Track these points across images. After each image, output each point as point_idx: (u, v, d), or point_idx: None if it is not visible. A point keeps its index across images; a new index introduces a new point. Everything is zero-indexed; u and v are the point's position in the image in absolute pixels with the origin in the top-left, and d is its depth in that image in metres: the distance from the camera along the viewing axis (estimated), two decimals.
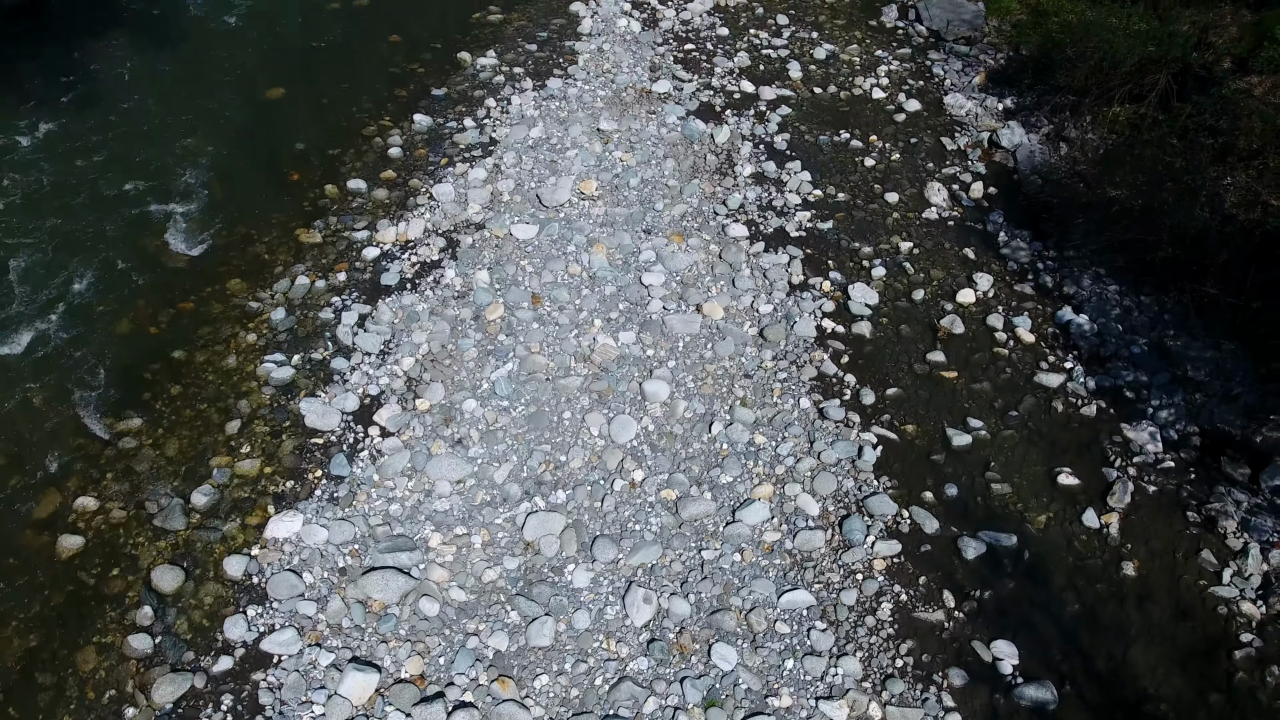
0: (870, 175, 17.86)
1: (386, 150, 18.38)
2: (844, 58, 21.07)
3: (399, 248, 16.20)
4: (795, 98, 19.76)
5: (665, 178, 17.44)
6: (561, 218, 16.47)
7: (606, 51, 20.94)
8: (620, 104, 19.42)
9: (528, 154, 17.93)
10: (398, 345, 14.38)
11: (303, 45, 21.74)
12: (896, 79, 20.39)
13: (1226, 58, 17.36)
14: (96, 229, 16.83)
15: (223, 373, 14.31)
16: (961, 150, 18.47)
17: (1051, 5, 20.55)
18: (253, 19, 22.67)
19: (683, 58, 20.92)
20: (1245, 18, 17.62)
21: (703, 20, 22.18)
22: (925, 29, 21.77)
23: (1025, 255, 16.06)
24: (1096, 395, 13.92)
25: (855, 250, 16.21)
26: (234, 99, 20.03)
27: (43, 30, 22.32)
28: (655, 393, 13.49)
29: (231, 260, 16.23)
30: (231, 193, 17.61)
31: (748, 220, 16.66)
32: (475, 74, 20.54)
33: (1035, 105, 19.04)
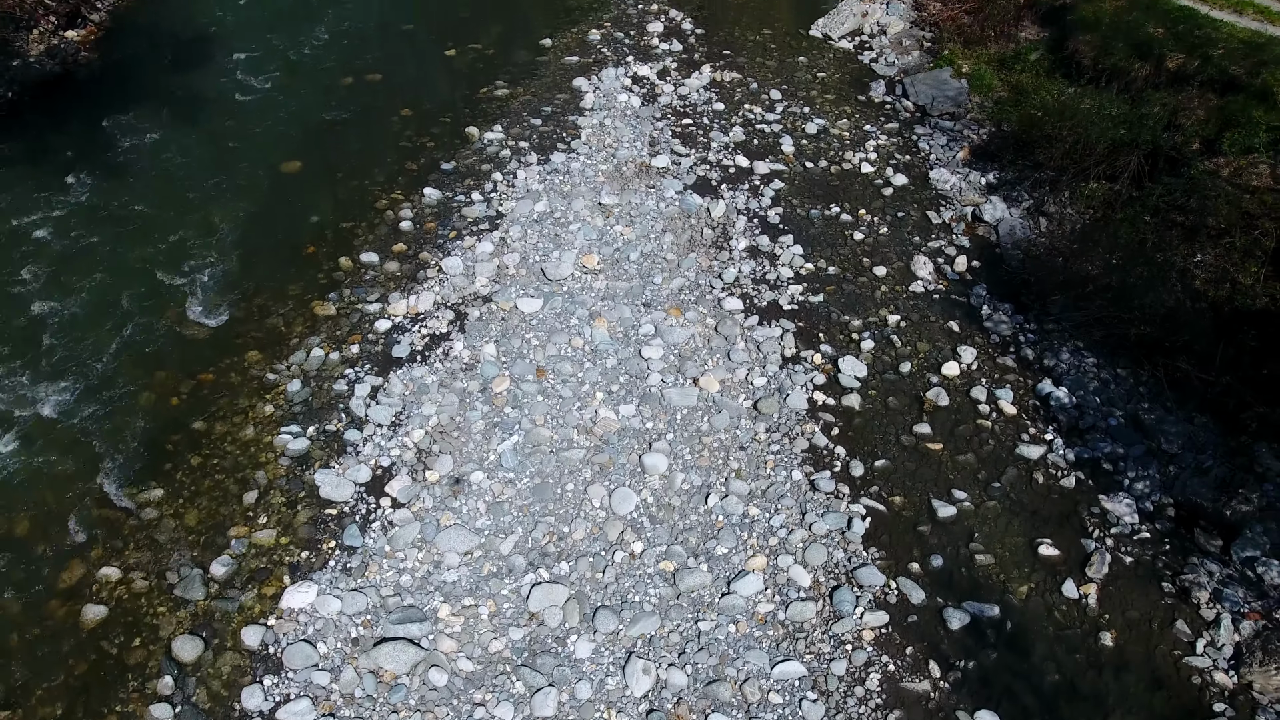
0: (859, 248, 18.72)
1: (398, 223, 19.28)
2: (834, 132, 22.12)
3: (409, 320, 16.98)
4: (788, 172, 20.74)
5: (664, 251, 18.30)
6: (565, 291, 17.28)
7: (608, 126, 21.98)
8: (621, 178, 20.39)
9: (532, 228, 18.82)
10: (408, 417, 15.06)
11: (319, 119, 22.78)
12: (884, 153, 21.39)
13: (1195, 139, 18.32)
14: (122, 299, 17.62)
15: (241, 444, 14.97)
16: (946, 224, 19.36)
17: (1031, 84, 21.68)
18: (273, 93, 23.78)
19: (681, 132, 21.95)
20: (1212, 101, 18.62)
21: (700, 95, 23.29)
22: (912, 104, 22.85)
23: (1007, 328, 16.83)
24: (1076, 467, 14.57)
25: (845, 323, 16.99)
26: (254, 172, 20.99)
27: (72, 101, 23.38)
28: (654, 465, 14.15)
29: (250, 332, 17.00)
30: (250, 265, 18.44)
31: (742, 293, 17.48)
32: (483, 148, 21.55)
33: (1016, 180, 19.99)
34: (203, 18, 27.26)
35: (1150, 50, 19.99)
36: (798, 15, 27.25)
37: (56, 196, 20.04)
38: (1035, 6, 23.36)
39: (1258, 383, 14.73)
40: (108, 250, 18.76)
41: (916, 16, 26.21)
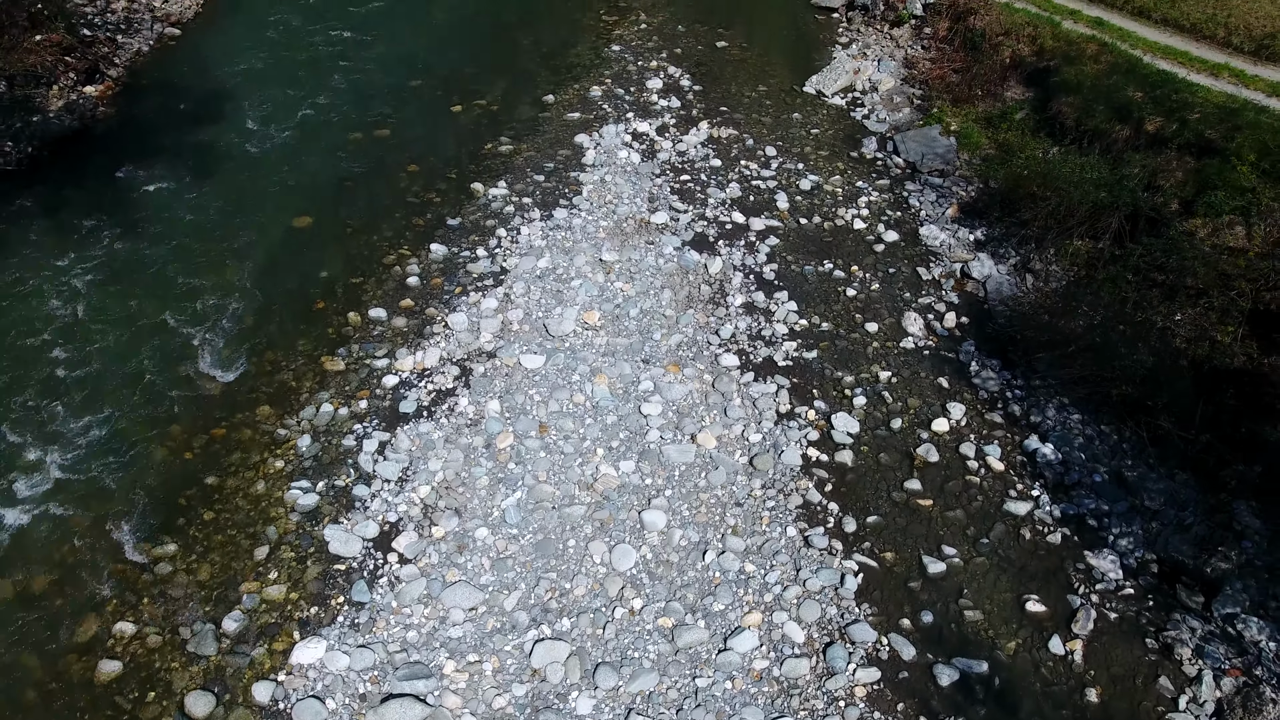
0: (852, 305, 19.35)
1: (405, 279, 19.92)
2: (827, 188, 22.87)
3: (416, 376, 17.53)
4: (783, 228, 21.44)
5: (663, 307, 18.92)
6: (567, 347, 17.87)
7: (609, 182, 22.74)
8: (621, 234, 21.08)
9: (536, 284, 19.45)
10: (415, 473, 15.55)
11: (329, 174, 23.53)
12: (876, 210, 22.12)
13: (1174, 200, 19.04)
14: (138, 353, 18.20)
15: (252, 498, 15.44)
16: (936, 280, 20.01)
17: (1017, 142, 22.50)
18: (285, 148, 24.58)
19: (679, 188, 22.70)
20: (1189, 164, 19.38)
21: (697, 152, 24.09)
22: (902, 161, 23.64)
23: (995, 384, 17.38)
24: (1061, 523, 15.03)
25: (838, 379, 17.55)
26: (266, 226, 21.67)
27: (90, 156, 24.17)
28: (653, 521, 14.61)
29: (261, 387, 17.54)
30: (262, 319, 19.04)
31: (739, 349, 18.06)
32: (487, 204, 22.27)
33: (1003, 237, 20.68)
34: (217, 72, 28.19)
35: (1130, 113, 20.81)
36: (792, 72, 28.18)
37: (75, 251, 20.70)
38: (1020, 67, 24.25)
39: (1236, 440, 15.26)
40: (125, 304, 19.37)
41: (907, 74, 27.15)
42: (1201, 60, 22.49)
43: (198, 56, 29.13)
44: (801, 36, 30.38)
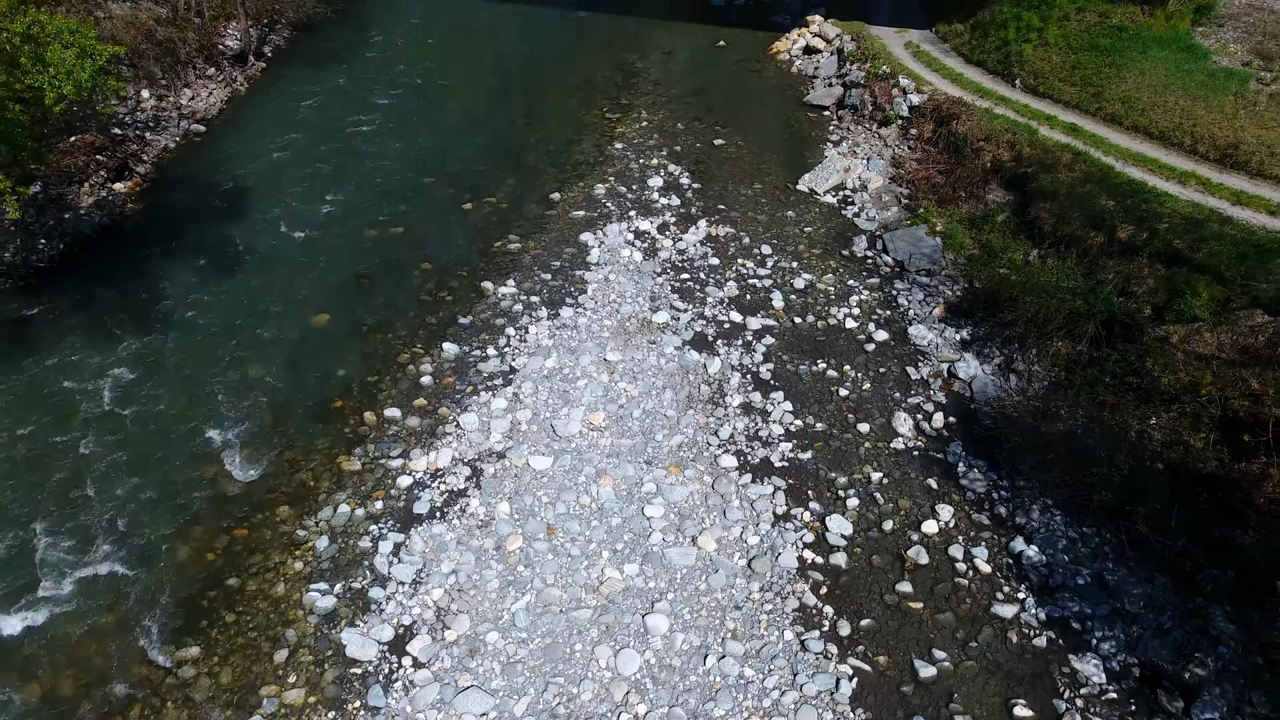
0: (844, 405, 20.30)
1: (419, 378, 20.89)
2: (820, 287, 24.05)
3: (429, 476, 18.36)
4: (778, 327, 22.53)
5: (664, 408, 19.86)
6: (573, 448, 18.74)
7: (612, 281, 23.93)
8: (625, 333, 22.15)
9: (543, 384, 20.43)
10: (428, 575, 16.26)
11: (346, 271, 24.73)
12: (867, 309, 23.25)
13: (1147, 305, 20.15)
14: (163, 453, 19.03)
15: (272, 600, 16.12)
16: (924, 379, 21.00)
17: (999, 244, 23.77)
18: (305, 246, 25.85)
19: (679, 287, 23.88)
20: (1160, 271, 20.56)
21: (696, 250, 25.36)
22: (891, 260, 24.88)
23: (982, 485, 18.22)
24: (1047, 626, 15.70)
25: (832, 480, 18.39)
26: (286, 324, 22.73)
27: (119, 254, 25.38)
28: (656, 625, 15.28)
29: (281, 487, 18.35)
30: (282, 419, 19.94)
31: (737, 451, 18.94)
32: (497, 302, 23.41)
33: (987, 337, 21.75)
34: (239, 168, 29.69)
35: (1104, 221, 22.08)
36: (786, 169, 29.69)
37: (105, 349, 21.74)
38: (1001, 172, 25.69)
39: (1210, 545, 16.04)
40: (151, 402, 20.30)
41: (895, 173, 28.65)
42: (1170, 168, 23.91)
43: (221, 153, 30.70)
44: (794, 134, 32.03)
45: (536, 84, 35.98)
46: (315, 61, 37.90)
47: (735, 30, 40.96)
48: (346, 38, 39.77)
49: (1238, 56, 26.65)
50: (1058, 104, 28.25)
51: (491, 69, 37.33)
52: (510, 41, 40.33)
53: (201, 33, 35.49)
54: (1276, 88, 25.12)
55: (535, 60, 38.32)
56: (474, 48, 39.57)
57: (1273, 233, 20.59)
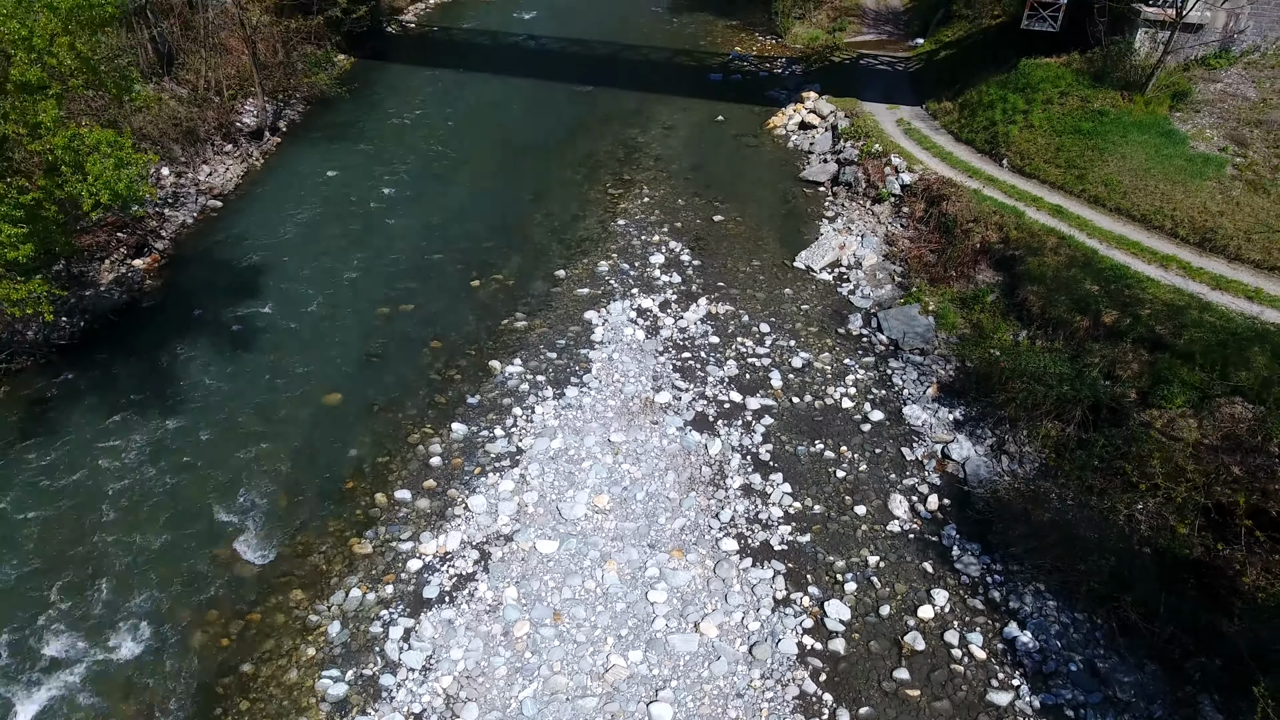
0: (841, 486, 20.90)
1: (428, 459, 21.52)
2: (818, 365, 24.83)
3: (439, 559, 18.88)
4: (776, 407, 23.24)
5: (667, 490, 20.46)
6: (578, 532, 19.29)
7: (616, 360, 24.71)
8: (628, 413, 22.84)
9: (549, 465, 21.06)
10: (438, 661, 16.68)
11: (357, 350, 25.53)
12: (863, 388, 23.99)
13: (1132, 390, 20.89)
14: (178, 537, 19.54)
15: (285, 687, 16.51)
16: (919, 460, 21.63)
17: (989, 324, 24.62)
18: (316, 322, 26.70)
19: (681, 366, 24.65)
20: (1143, 356, 21.34)
21: (697, 328, 26.21)
22: (885, 338, 25.71)
23: (976, 570, 18.73)
24: (1041, 714, 16.08)
25: (830, 564, 18.90)
26: (299, 403, 23.44)
27: (137, 330, 26.19)
28: (660, 715, 15.67)
29: (294, 570, 18.85)
30: (295, 500, 20.51)
31: (738, 534, 19.49)
32: (504, 381, 24.15)
33: (980, 417, 22.44)
34: (254, 243, 30.72)
35: (1089, 305, 22.95)
36: (783, 245, 30.72)
37: (123, 429, 22.40)
38: (990, 253, 26.67)
39: (1198, 632, 16.51)
40: (167, 484, 20.88)
41: (888, 250, 29.66)
42: (1152, 251, 24.88)
43: (237, 228, 31.78)
44: (791, 210, 33.17)
45: (543, 159, 37.27)
46: (329, 136, 39.31)
47: (733, 105, 42.51)
48: (359, 113, 41.24)
49: (1214, 142, 27.85)
50: (1043, 185, 29.38)
51: (499, 144, 38.69)
52: (517, 116, 41.82)
53: (220, 111, 36.93)
54: (1251, 174, 26.24)
55: (541, 135, 39.71)
56: (482, 122, 41.03)
57: (1250, 319, 21.42)
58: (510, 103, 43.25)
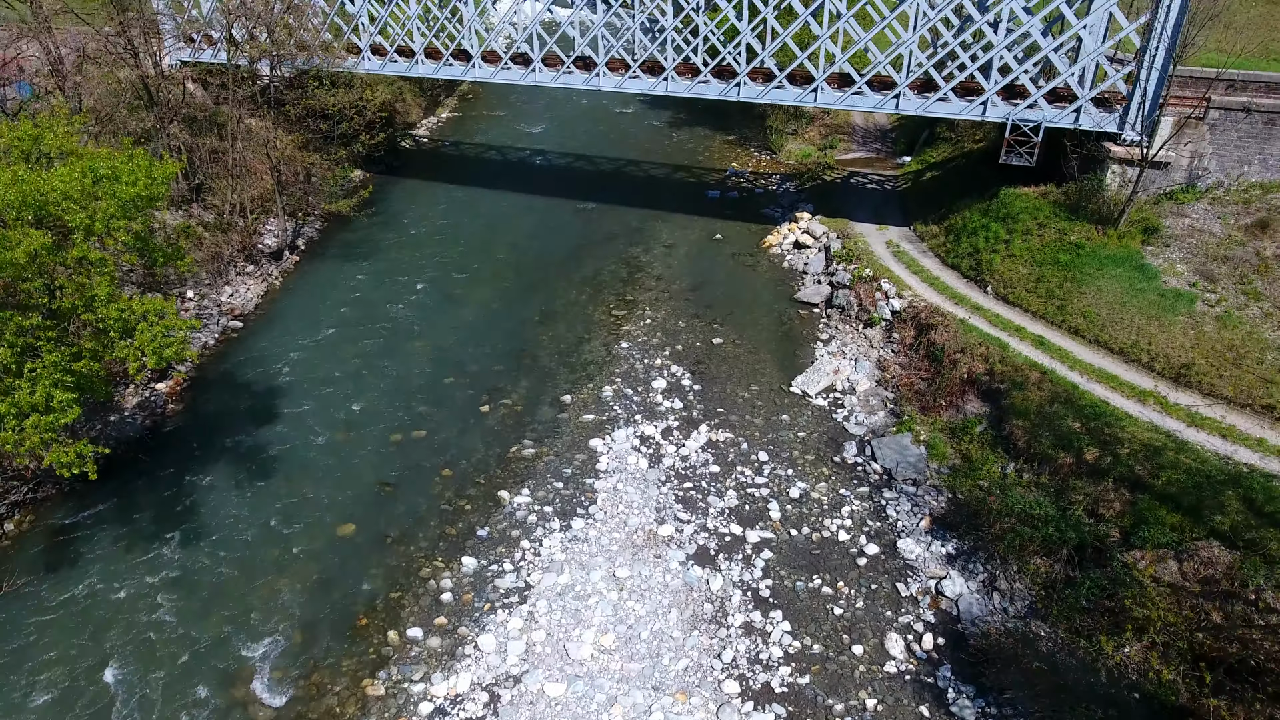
0: (839, 624, 21.59)
1: (440, 594, 22.24)
2: (814, 495, 25.80)
3: (450, 702, 19.43)
4: (775, 540, 24.10)
5: (670, 629, 21.14)
6: (585, 673, 19.90)
7: (620, 491, 25.68)
8: (632, 546, 23.69)
9: (556, 602, 21.78)
10: None
11: (371, 478, 26.52)
12: (858, 519, 24.90)
13: (1115, 529, 21.82)
14: (194, 677, 20.11)
15: None
16: (914, 596, 22.39)
17: (978, 455, 25.71)
18: (332, 450, 27.74)
19: (682, 496, 25.61)
20: (1125, 496, 22.36)
21: (698, 456, 27.28)
22: (879, 467, 26.75)
23: (971, 714, 19.28)
24: None
25: (829, 707, 19.47)
26: (314, 534, 24.26)
27: (159, 458, 27.19)
28: None
29: (308, 714, 19.33)
30: (310, 637, 21.11)
31: (739, 675, 20.10)
32: (513, 512, 25.05)
33: (972, 551, 23.29)
34: (272, 366, 32.05)
35: (1071, 443, 24.09)
36: (780, 369, 32.07)
37: (142, 561, 23.18)
38: (976, 384, 27.98)
39: None
40: (184, 620, 21.54)
41: (880, 376, 31.01)
42: (1130, 385, 26.18)
43: (256, 350, 33.19)
44: (787, 333, 34.68)
45: (549, 278, 39.04)
46: (345, 254, 41.25)
47: (730, 223, 44.65)
48: (373, 230, 43.33)
49: (1184, 277, 29.53)
50: (1026, 314, 30.94)
51: (508, 263, 40.57)
52: (525, 233, 43.89)
53: (243, 233, 38.88)
54: (1220, 310, 27.79)
55: (548, 253, 41.65)
56: (492, 240, 43.05)
57: (1223, 460, 22.53)
58: (519, 220, 45.41)
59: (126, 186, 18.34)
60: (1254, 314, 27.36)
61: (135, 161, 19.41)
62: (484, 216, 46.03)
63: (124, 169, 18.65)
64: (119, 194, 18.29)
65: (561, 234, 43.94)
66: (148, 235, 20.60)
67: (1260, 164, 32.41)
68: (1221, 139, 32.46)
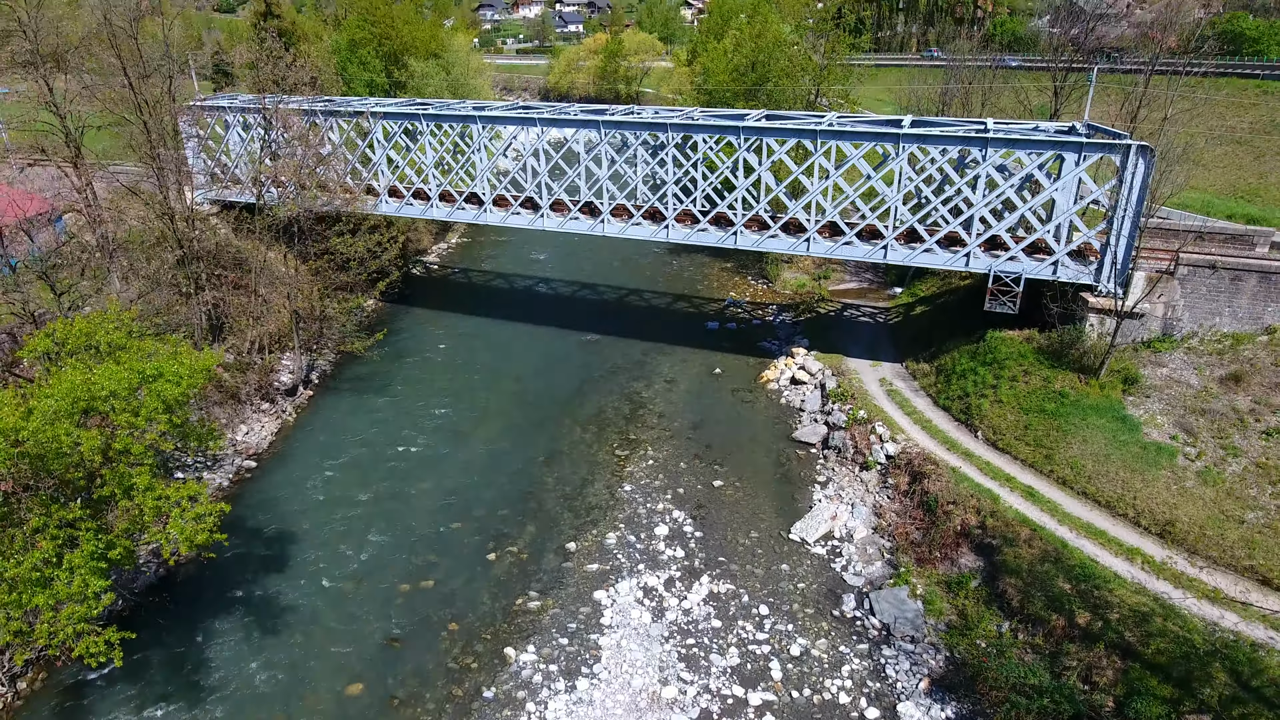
0: None
1: None
2: (815, 653, 26.26)
3: None
4: (777, 702, 24.46)
5: None
6: None
7: (624, 648, 26.14)
8: (636, 709, 24.02)
9: None
10: None
11: (379, 631, 26.95)
12: (858, 679, 25.31)
13: (1109, 698, 22.29)
14: None
15: None
16: None
17: (974, 613, 26.31)
18: (341, 601, 28.27)
19: (685, 654, 26.06)
20: (1117, 663, 22.91)
21: (700, 610, 27.84)
22: (878, 621, 27.29)
23: None
24: None
25: None
26: (322, 693, 24.51)
27: (173, 611, 27.73)
28: None
29: None
30: None
31: None
32: (518, 671, 25.45)
33: (971, 717, 23.63)
34: (284, 510, 32.86)
35: (1063, 605, 24.78)
36: (779, 514, 32.93)
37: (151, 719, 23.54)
38: (969, 536, 28.82)
39: None
40: None
41: (877, 523, 31.86)
42: (1118, 542, 27.01)
43: (269, 493, 34.09)
44: (785, 475, 35.69)
45: (554, 415, 40.34)
46: (357, 389, 42.69)
47: (729, 356, 46.32)
48: (385, 363, 44.92)
49: (1165, 429, 30.78)
50: (1015, 461, 32.06)
51: (514, 398, 41.97)
52: (531, 365, 45.51)
53: (261, 371, 40.43)
54: (1200, 465, 28.93)
55: (553, 388, 43.11)
56: (499, 374, 44.60)
57: (1210, 626, 23.17)
58: (526, 352, 47.12)
59: (170, 386, 19.81)
60: (1233, 470, 28.46)
61: (179, 359, 20.91)
62: (492, 349, 47.76)
63: (169, 369, 20.17)
64: (164, 393, 19.72)
65: (567, 366, 45.54)
66: (185, 422, 21.95)
67: (1230, 315, 34.20)
68: (1193, 292, 34.36)
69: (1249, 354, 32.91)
